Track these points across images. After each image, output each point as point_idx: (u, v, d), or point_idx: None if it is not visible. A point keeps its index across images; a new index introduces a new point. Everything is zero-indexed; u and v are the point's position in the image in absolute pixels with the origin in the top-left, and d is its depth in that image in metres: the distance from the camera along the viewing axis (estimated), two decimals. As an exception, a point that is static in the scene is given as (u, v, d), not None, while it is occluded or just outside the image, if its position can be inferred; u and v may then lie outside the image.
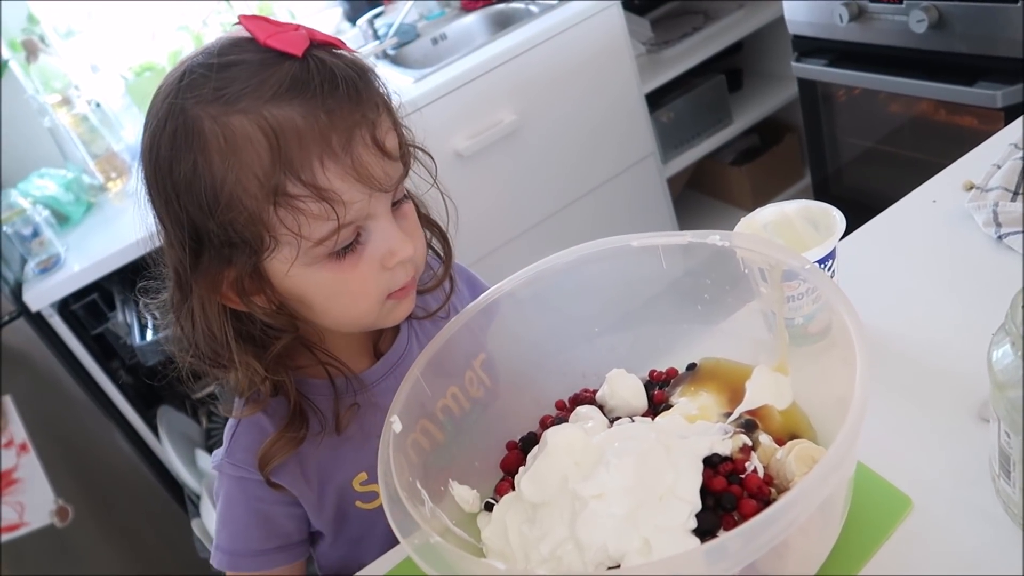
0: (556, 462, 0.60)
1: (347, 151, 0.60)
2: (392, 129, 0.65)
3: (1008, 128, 0.92)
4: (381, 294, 0.67)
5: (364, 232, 0.64)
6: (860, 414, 0.51)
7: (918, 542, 0.58)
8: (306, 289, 0.65)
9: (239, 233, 0.61)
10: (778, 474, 0.60)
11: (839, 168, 1.99)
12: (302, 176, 0.59)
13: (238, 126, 0.58)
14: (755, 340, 0.70)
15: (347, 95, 0.60)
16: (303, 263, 0.63)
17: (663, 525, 0.55)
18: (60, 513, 1.83)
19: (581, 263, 0.70)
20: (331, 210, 0.60)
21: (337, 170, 0.59)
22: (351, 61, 0.63)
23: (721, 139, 2.37)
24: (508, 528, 0.60)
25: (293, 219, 0.60)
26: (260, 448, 0.71)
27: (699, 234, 0.67)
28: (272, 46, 0.60)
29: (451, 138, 1.96)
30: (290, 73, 0.59)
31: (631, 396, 0.70)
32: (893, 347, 0.72)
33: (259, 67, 0.59)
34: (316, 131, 0.58)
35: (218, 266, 0.63)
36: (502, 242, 2.11)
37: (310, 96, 0.59)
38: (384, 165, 0.62)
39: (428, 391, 0.66)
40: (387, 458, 0.58)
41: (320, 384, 0.74)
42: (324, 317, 0.68)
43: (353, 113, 0.60)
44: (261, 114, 0.58)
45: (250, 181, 0.59)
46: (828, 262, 0.71)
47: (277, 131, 0.58)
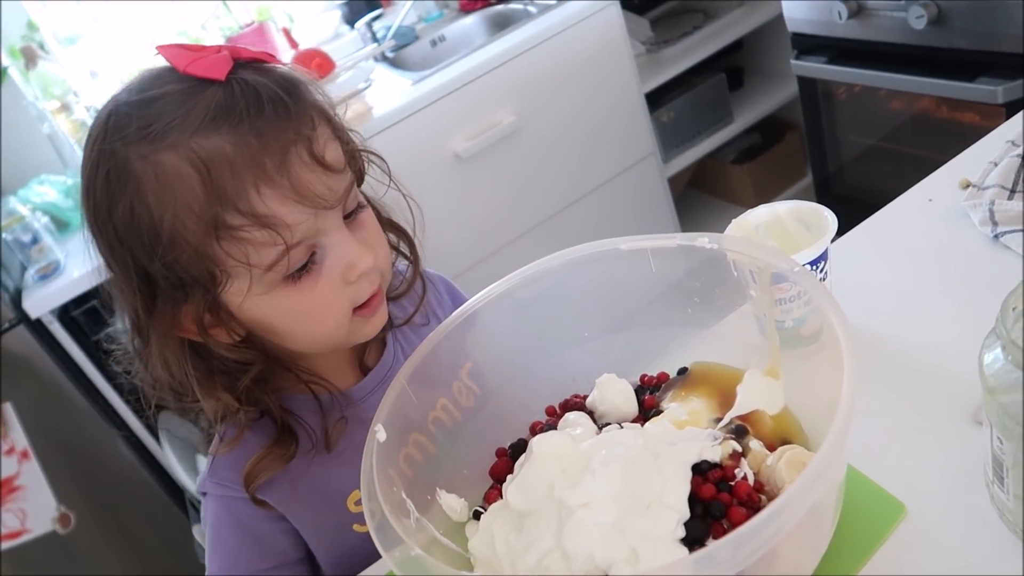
0: (543, 470, 0.59)
1: (283, 172, 0.58)
2: (333, 139, 0.63)
3: (1005, 125, 0.91)
4: (346, 310, 0.65)
5: (319, 249, 0.62)
6: (847, 419, 0.50)
7: (912, 549, 0.57)
8: (267, 316, 0.64)
9: (187, 271, 0.59)
10: (769, 481, 0.59)
11: (840, 166, 1.98)
12: (239, 206, 0.57)
13: (168, 162, 0.57)
14: (747, 344, 0.69)
15: (275, 114, 0.58)
16: (259, 291, 0.61)
17: (651, 534, 0.54)
18: (62, 520, 1.83)
19: (569, 267, 0.69)
20: (276, 235, 0.58)
21: (275, 194, 0.58)
22: (279, 76, 0.61)
23: (722, 138, 2.36)
24: (495, 537, 0.59)
25: (239, 250, 0.58)
26: (245, 465, 0.70)
27: (688, 237, 0.66)
28: (193, 73, 0.58)
29: (450, 140, 1.96)
30: (214, 100, 0.57)
31: (621, 401, 0.69)
32: (887, 348, 0.71)
33: (182, 98, 0.57)
34: (248, 157, 0.56)
35: (173, 306, 0.62)
36: (503, 243, 2.10)
37: (237, 121, 0.57)
38: (327, 180, 0.60)
39: (416, 401, 0.65)
40: (370, 468, 0.57)
41: (306, 400, 0.73)
42: (291, 341, 0.67)
43: (285, 131, 0.58)
44: (189, 147, 0.56)
45: (188, 217, 0.57)
46: (820, 263, 0.70)
47: (207, 163, 0.56)
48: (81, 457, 1.86)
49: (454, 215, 2.02)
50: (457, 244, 2.04)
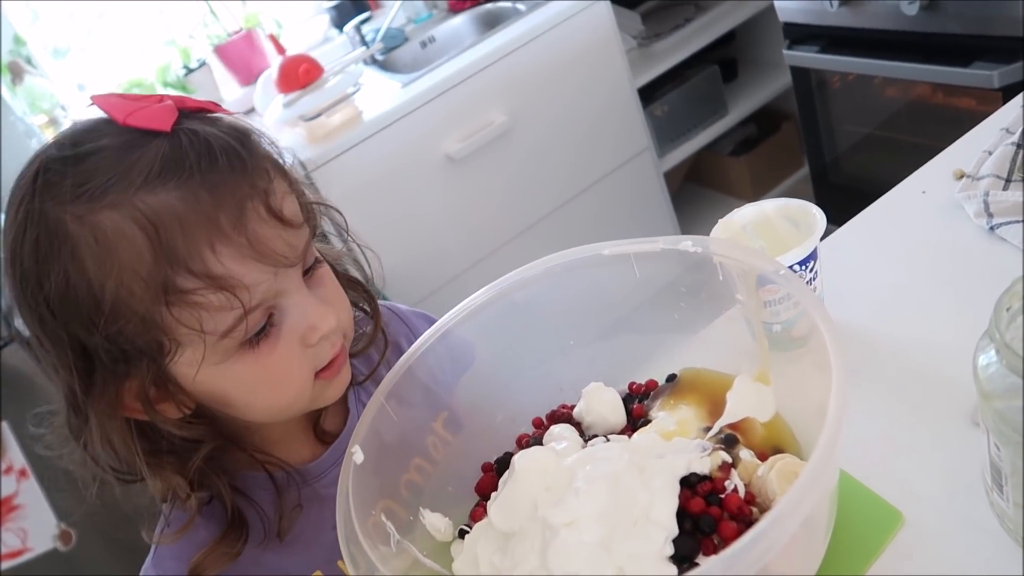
0: (525, 488, 0.57)
1: (240, 229, 0.53)
2: (289, 193, 0.58)
3: (1000, 112, 0.88)
4: (308, 375, 0.60)
5: (277, 311, 0.58)
6: (837, 427, 0.47)
7: (910, 559, 0.55)
8: (222, 387, 0.58)
9: (132, 343, 0.53)
10: (760, 492, 0.57)
11: (837, 156, 1.95)
12: (192, 267, 0.51)
13: (109, 223, 0.51)
14: (737, 348, 0.67)
15: (230, 166, 0.53)
16: (214, 360, 0.56)
17: (638, 552, 0.52)
18: (63, 537, 1.82)
19: (550, 274, 0.67)
20: (233, 298, 0.53)
21: (232, 253, 0.52)
22: (229, 126, 0.56)
23: (718, 130, 2.33)
24: (479, 559, 0.57)
25: (192, 316, 0.52)
26: (191, 557, 0.63)
27: (671, 240, 0.64)
28: (134, 125, 0.53)
29: (442, 142, 1.94)
30: (160, 152, 0.52)
31: (608, 412, 0.67)
32: (882, 348, 0.69)
33: (122, 151, 0.52)
34: (200, 213, 0.51)
35: (115, 382, 0.55)
36: (499, 244, 2.09)
37: (187, 175, 0.52)
38: (286, 236, 0.56)
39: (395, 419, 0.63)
40: (346, 492, 0.55)
41: (260, 477, 0.67)
42: (249, 412, 0.61)
43: (240, 185, 0.53)
44: (133, 205, 0.51)
45: (134, 283, 0.51)
46: (810, 263, 0.67)
47: (155, 221, 0.50)
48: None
49: (448, 217, 2.01)
50: (453, 247, 2.03)
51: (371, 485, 0.59)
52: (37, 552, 1.79)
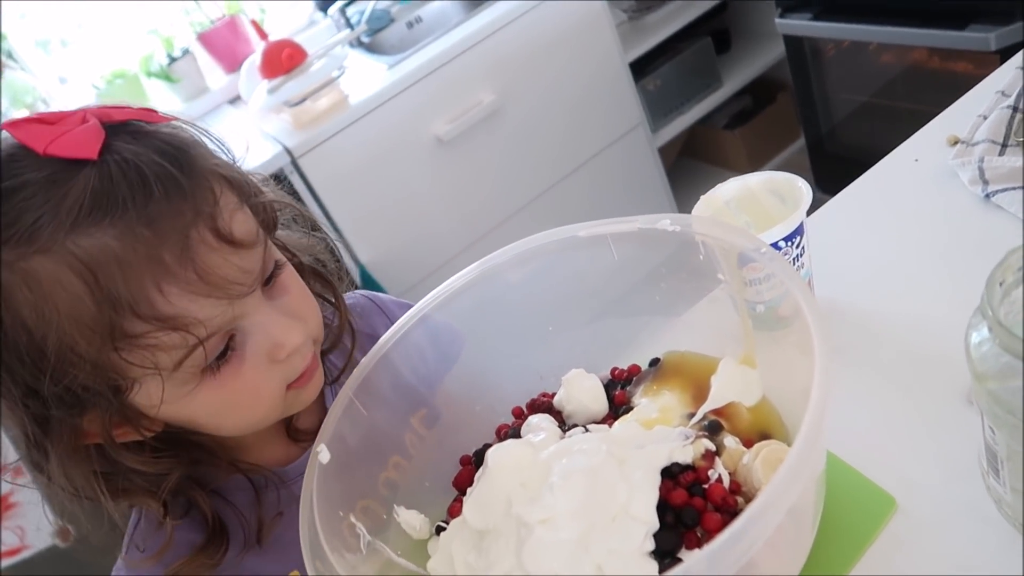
0: (499, 484, 0.54)
1: (187, 263, 0.48)
2: (239, 208, 0.54)
3: (995, 75, 0.85)
4: (278, 391, 0.57)
5: (239, 334, 0.54)
6: (821, 412, 0.45)
7: (904, 546, 0.52)
8: (188, 414, 0.55)
9: (84, 387, 0.50)
10: (746, 481, 0.54)
11: (833, 126, 1.91)
12: (139, 311, 0.47)
13: (42, 270, 0.47)
14: (721, 330, 0.64)
15: (166, 195, 0.48)
16: (174, 392, 0.52)
17: (617, 549, 0.50)
18: (61, 533, 1.80)
19: (525, 258, 0.64)
20: (187, 335, 0.49)
21: (181, 290, 0.48)
22: (165, 141, 0.51)
23: (712, 103, 2.29)
24: (454, 558, 0.55)
25: (144, 357, 0.49)
26: (168, 565, 0.61)
27: (649, 219, 0.61)
28: (55, 154, 0.47)
29: (431, 123, 1.90)
30: (88, 187, 0.47)
31: (589, 400, 0.64)
32: (873, 325, 0.67)
33: (48, 186, 0.47)
34: (141, 252, 0.47)
35: (71, 422, 0.52)
36: (492, 226, 2.05)
37: (121, 210, 0.47)
38: (239, 260, 0.51)
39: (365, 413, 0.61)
40: (310, 493, 0.53)
41: (238, 479, 0.65)
42: (220, 431, 0.59)
43: (182, 213, 0.48)
44: (67, 249, 0.46)
45: (77, 332, 0.47)
46: (796, 238, 0.64)
47: (92, 266, 0.46)
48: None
49: (439, 201, 1.97)
50: (445, 230, 1.99)
51: (341, 485, 0.57)
52: (36, 549, 1.78)
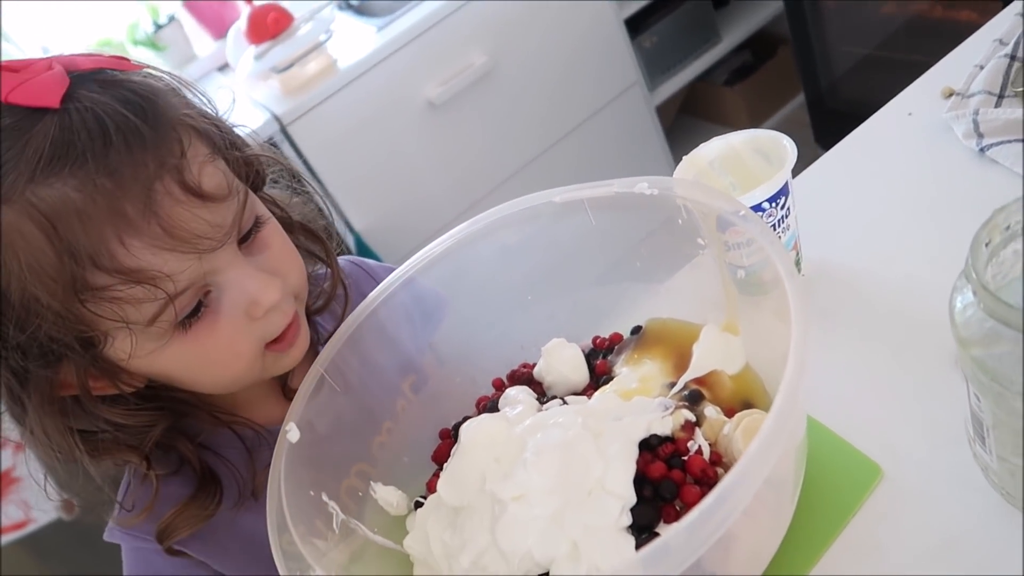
0: (473, 460, 0.53)
1: (150, 216, 0.47)
2: (211, 159, 0.52)
3: (992, 22, 0.81)
4: (256, 349, 0.56)
5: (214, 289, 0.53)
6: (797, 379, 0.43)
7: (889, 516, 0.51)
8: (163, 369, 0.54)
9: (55, 338, 0.49)
10: (727, 451, 0.53)
11: (834, 80, 1.87)
12: (100, 263, 0.46)
13: (4, 221, 0.46)
14: (704, 296, 0.62)
15: (126, 145, 0.47)
16: (146, 347, 0.51)
17: (593, 525, 0.48)
18: (66, 506, 1.82)
19: (499, 226, 0.62)
20: (155, 289, 0.48)
21: (144, 244, 0.47)
22: (130, 91, 0.49)
23: (710, 59, 2.23)
24: (429, 536, 0.54)
25: (111, 310, 0.48)
26: (160, 518, 0.60)
27: (627, 183, 0.58)
28: (17, 103, 0.46)
29: (422, 87, 1.86)
30: (49, 136, 0.46)
31: (570, 370, 0.63)
32: (861, 287, 0.64)
33: (9, 135, 0.46)
34: (102, 204, 0.46)
35: (47, 375, 0.51)
36: (488, 190, 2.03)
37: (81, 160, 0.46)
38: (207, 214, 0.50)
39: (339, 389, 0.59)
40: (278, 474, 0.51)
41: (229, 436, 0.63)
42: (197, 387, 0.58)
43: (144, 164, 0.47)
44: (27, 199, 0.46)
45: (39, 282, 0.46)
46: (780, 198, 0.62)
47: (51, 217, 0.45)
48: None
49: (433, 165, 1.94)
50: (439, 195, 1.97)
51: (317, 462, 0.56)
52: (41, 523, 1.80)
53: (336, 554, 0.51)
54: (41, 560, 1.86)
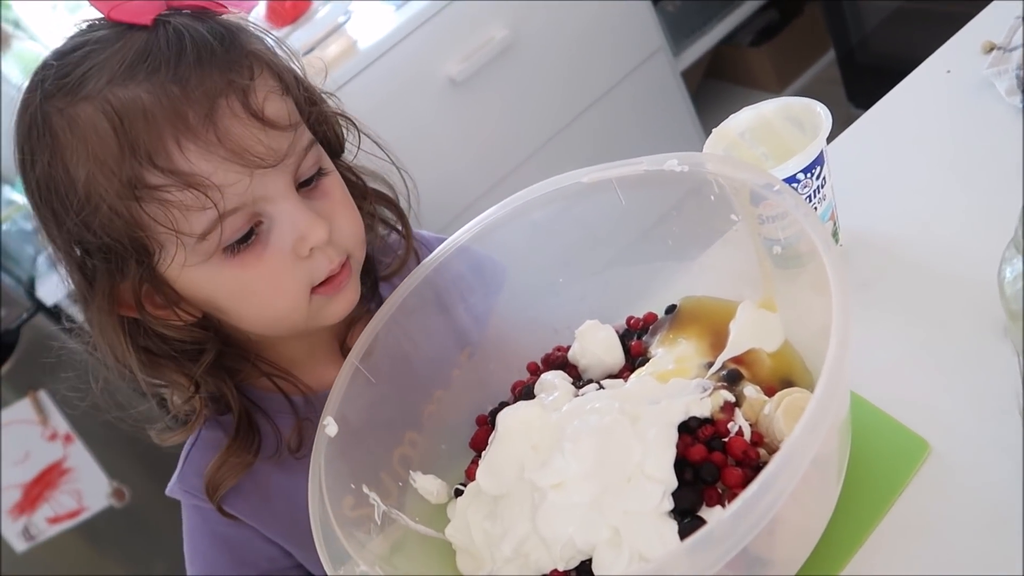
0: (511, 448, 0.53)
1: (209, 126, 0.51)
2: (279, 95, 0.56)
3: (1034, -30, 0.78)
4: (301, 289, 0.58)
5: (265, 219, 0.55)
6: (841, 356, 0.42)
7: (938, 492, 0.50)
8: (209, 292, 0.57)
9: (114, 238, 0.53)
10: (768, 432, 0.52)
11: (865, 35, 1.81)
12: (157, 162, 0.50)
13: (83, 115, 0.51)
14: (739, 272, 0.61)
15: (199, 59, 0.51)
16: (195, 262, 0.55)
17: (633, 510, 0.48)
18: (116, 494, 1.87)
19: (528, 209, 0.61)
20: (204, 198, 0.51)
21: (199, 150, 0.51)
22: (216, 23, 0.54)
23: (736, 20, 2.18)
24: (470, 525, 0.54)
25: (164, 214, 0.52)
26: (206, 472, 0.63)
27: (655, 160, 0.57)
28: (117, 19, 0.53)
29: (443, 64, 1.84)
30: (135, 47, 0.52)
31: (604, 352, 0.62)
32: (902, 255, 0.63)
33: (104, 46, 0.52)
34: (167, 107, 0.50)
35: (109, 280, 0.56)
36: (514, 166, 2.01)
37: (156, 68, 0.51)
38: (265, 137, 0.53)
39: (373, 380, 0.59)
40: (319, 468, 0.52)
41: (280, 401, 0.66)
42: (242, 321, 0.60)
43: (213, 80, 0.51)
44: (105, 98, 0.51)
45: (103, 174, 0.51)
46: (815, 168, 0.60)
47: (121, 114, 0.50)
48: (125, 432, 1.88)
49: (456, 143, 1.93)
50: (463, 173, 1.95)
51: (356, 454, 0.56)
52: (94, 511, 1.85)
53: (376, 545, 0.52)
54: (93, 547, 1.92)
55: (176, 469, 0.68)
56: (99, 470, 1.83)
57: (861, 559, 0.49)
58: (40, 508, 1.82)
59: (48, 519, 1.83)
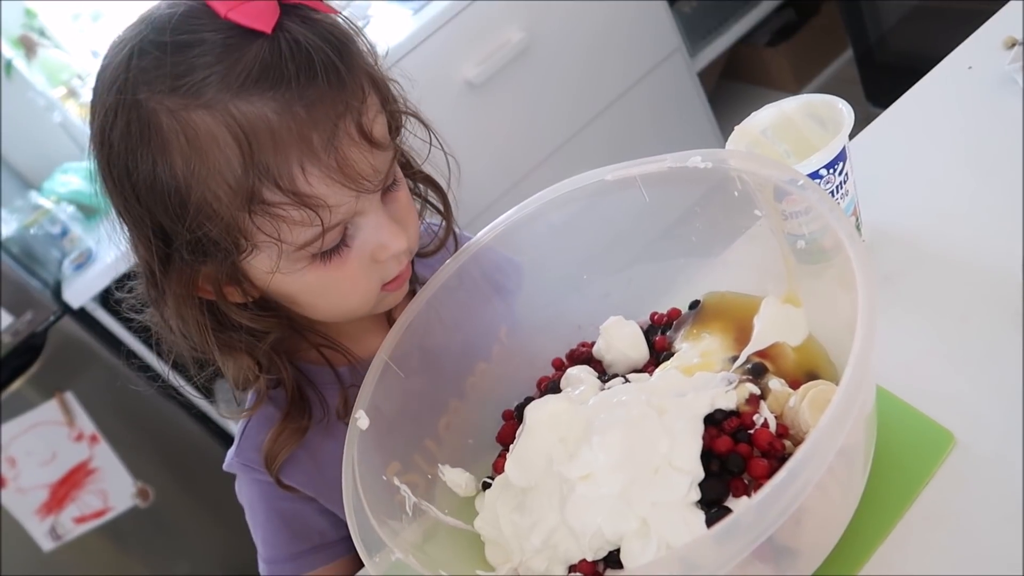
0: (539, 441, 0.54)
1: (330, 150, 0.52)
2: (380, 111, 0.56)
3: (1055, -35, 0.78)
4: (374, 288, 0.61)
5: (352, 227, 0.57)
6: (867, 348, 0.43)
7: (964, 484, 0.50)
8: (291, 290, 0.59)
9: (212, 238, 0.54)
10: (793, 424, 0.52)
11: (883, 33, 1.81)
12: (280, 183, 0.51)
13: (201, 124, 0.51)
14: (762, 268, 0.62)
15: (327, 82, 0.51)
16: (285, 268, 0.56)
17: (661, 501, 0.49)
18: (141, 494, 1.89)
19: (551, 208, 0.63)
20: (315, 216, 0.52)
21: (320, 174, 0.52)
22: (330, 31, 0.53)
23: (752, 20, 2.18)
24: (499, 517, 0.55)
25: (272, 226, 0.53)
26: (264, 445, 0.66)
27: (678, 157, 0.58)
28: (235, 20, 0.51)
29: (460, 67, 1.86)
30: (259, 58, 0.50)
31: (628, 347, 0.63)
32: (926, 249, 0.63)
33: (222, 50, 0.51)
34: (293, 130, 0.50)
35: (191, 266, 0.57)
36: (531, 167, 2.02)
37: (284, 86, 0.50)
38: (372, 159, 0.54)
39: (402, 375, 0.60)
40: (352, 459, 0.53)
41: (328, 372, 0.68)
42: (312, 313, 0.63)
43: (336, 103, 0.52)
44: (228, 110, 0.50)
45: (220, 188, 0.51)
46: (838, 164, 0.61)
47: (248, 132, 0.50)
48: (150, 433, 1.91)
49: (474, 145, 1.94)
50: (481, 175, 1.97)
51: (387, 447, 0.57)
52: (119, 511, 1.87)
53: (409, 533, 0.53)
54: (118, 547, 1.94)
55: (234, 443, 0.71)
56: (124, 470, 1.86)
57: (887, 550, 0.49)
58: (67, 508, 1.85)
59: (74, 519, 1.86)
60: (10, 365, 1.71)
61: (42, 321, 1.69)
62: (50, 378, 1.74)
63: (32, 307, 1.68)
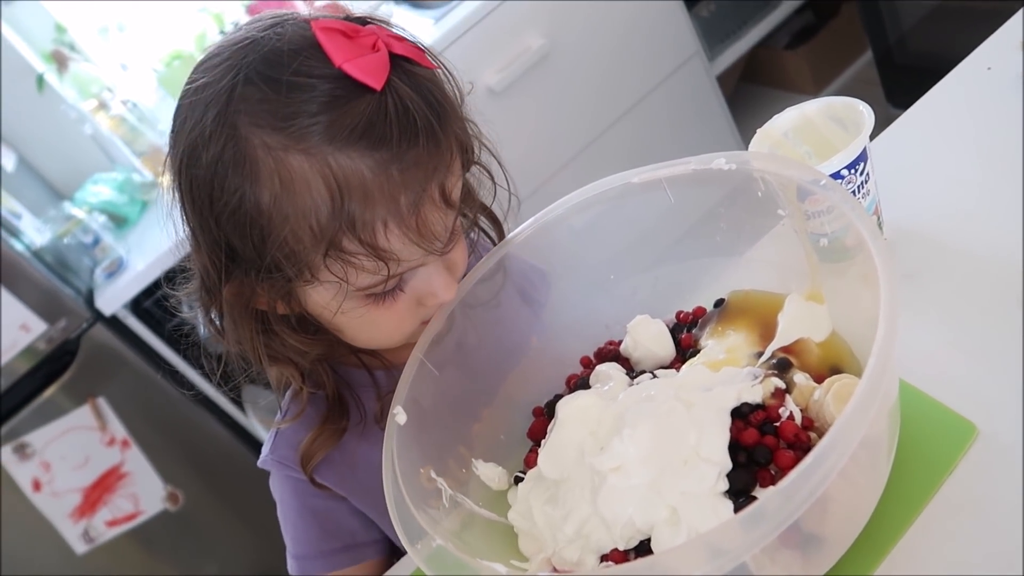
0: (570, 434, 0.56)
1: (414, 213, 0.53)
2: (460, 176, 0.58)
3: (1073, -34, 0.79)
4: (414, 327, 0.63)
5: (408, 273, 0.59)
6: (890, 339, 0.45)
7: (986, 474, 0.51)
8: (338, 321, 0.61)
9: (276, 263, 0.55)
10: (818, 416, 0.54)
11: (902, 34, 1.81)
12: (362, 236, 0.52)
13: (298, 168, 0.51)
14: (785, 266, 0.63)
15: (425, 148, 0.53)
16: (344, 303, 0.58)
17: (690, 491, 0.51)
18: (171, 498, 1.92)
19: (579, 210, 0.65)
20: (384, 266, 0.54)
21: (400, 232, 0.53)
22: (430, 91, 0.54)
23: (771, 23, 2.19)
24: (532, 508, 0.57)
25: (342, 270, 0.54)
26: (301, 445, 0.68)
27: (703, 159, 0.60)
28: (349, 73, 0.51)
29: (481, 75, 1.88)
30: (365, 115, 0.51)
31: (655, 345, 0.64)
32: (947, 246, 0.64)
33: (331, 100, 0.51)
34: (385, 190, 0.52)
35: (250, 283, 0.58)
36: (552, 172, 2.04)
37: (384, 147, 0.51)
38: (446, 219, 0.56)
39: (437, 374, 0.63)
40: (391, 453, 0.55)
41: (365, 375, 0.70)
42: (352, 340, 0.64)
43: (427, 168, 0.53)
44: (326, 160, 0.51)
45: (303, 230, 0.53)
46: (859, 164, 0.62)
47: (341, 185, 0.51)
48: (180, 437, 1.94)
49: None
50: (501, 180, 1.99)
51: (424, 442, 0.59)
52: (149, 514, 1.91)
53: (449, 523, 0.55)
54: (148, 550, 1.98)
55: (268, 441, 0.73)
56: (155, 475, 1.89)
57: (911, 539, 0.51)
58: (99, 512, 1.88)
59: (106, 522, 1.89)
60: (44, 371, 1.75)
61: (75, 328, 1.73)
62: (83, 384, 1.78)
63: (65, 315, 1.72)
